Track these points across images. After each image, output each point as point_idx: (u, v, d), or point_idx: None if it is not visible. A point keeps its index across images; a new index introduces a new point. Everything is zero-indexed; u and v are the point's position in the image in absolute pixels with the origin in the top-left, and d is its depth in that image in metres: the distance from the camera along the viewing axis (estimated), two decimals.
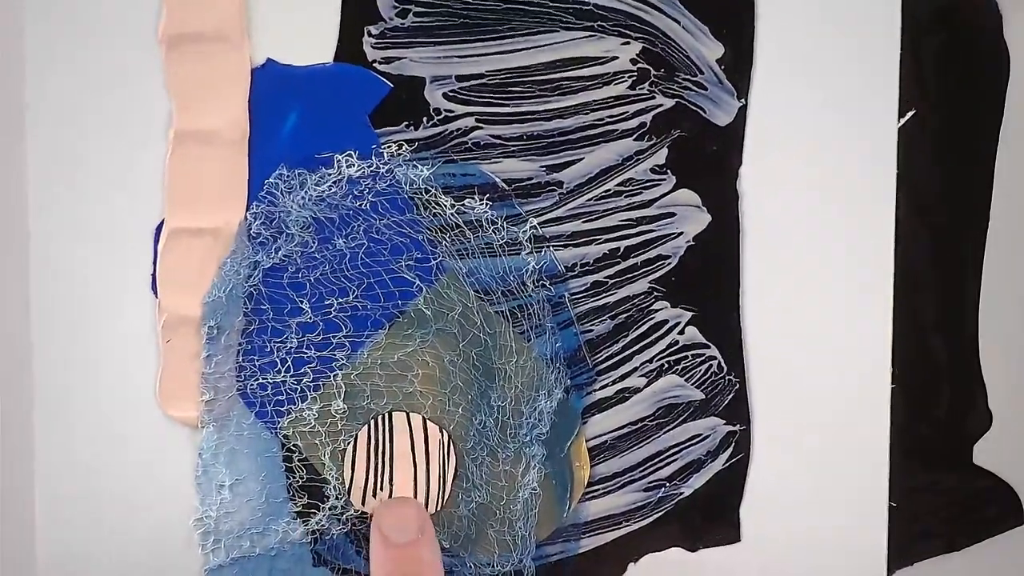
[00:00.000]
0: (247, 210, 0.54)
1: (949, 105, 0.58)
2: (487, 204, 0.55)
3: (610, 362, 0.57)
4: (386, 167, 0.55)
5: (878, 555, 0.58)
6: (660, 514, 0.58)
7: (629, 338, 0.57)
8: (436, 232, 0.55)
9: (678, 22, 0.55)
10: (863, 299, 0.57)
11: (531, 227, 0.56)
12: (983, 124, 0.58)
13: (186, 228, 0.54)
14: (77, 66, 0.54)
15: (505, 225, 0.55)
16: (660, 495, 0.58)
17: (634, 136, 0.56)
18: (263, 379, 0.55)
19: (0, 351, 0.55)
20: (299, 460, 0.55)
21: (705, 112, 0.56)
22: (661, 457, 0.58)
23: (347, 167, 0.54)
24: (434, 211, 0.55)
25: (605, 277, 0.56)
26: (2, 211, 0.54)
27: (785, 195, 0.56)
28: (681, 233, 0.56)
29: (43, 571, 0.55)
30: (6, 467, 0.55)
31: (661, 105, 0.56)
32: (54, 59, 0.54)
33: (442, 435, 0.55)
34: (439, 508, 0.55)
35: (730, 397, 0.57)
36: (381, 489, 0.55)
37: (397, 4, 0.54)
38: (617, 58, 0.55)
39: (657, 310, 0.57)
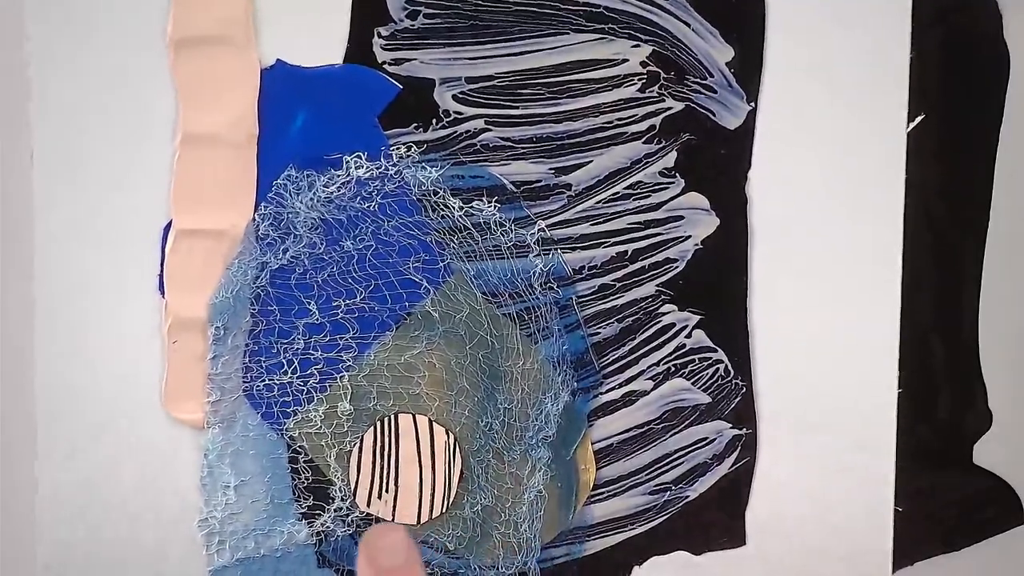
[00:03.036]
0: (255, 211, 0.54)
1: (949, 106, 0.58)
2: (495, 206, 0.55)
3: (617, 365, 0.57)
4: (395, 169, 0.55)
5: (883, 559, 0.58)
6: (665, 517, 0.58)
7: (636, 341, 0.57)
8: (444, 234, 0.55)
9: (688, 25, 0.55)
10: (871, 304, 0.57)
11: (539, 230, 0.56)
12: (983, 124, 0.58)
13: (194, 229, 0.54)
14: (79, 67, 0.54)
15: (513, 227, 0.55)
16: (666, 498, 0.58)
17: (643, 139, 0.56)
18: (269, 380, 0.55)
19: (3, 351, 0.55)
20: (305, 461, 0.55)
21: (714, 115, 0.56)
22: (667, 460, 0.58)
23: (356, 168, 0.54)
24: (442, 213, 0.55)
25: (612, 280, 0.56)
26: (6, 211, 0.54)
27: (794, 199, 0.56)
28: (689, 236, 0.56)
29: (44, 571, 0.55)
30: (8, 467, 0.55)
31: (670, 108, 0.56)
32: (56, 60, 0.53)
33: (448, 437, 0.55)
34: (444, 510, 0.55)
35: (737, 401, 0.57)
36: (386, 491, 0.55)
37: (407, 6, 0.54)
38: (627, 61, 0.55)
39: (664, 313, 0.57)
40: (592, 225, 0.56)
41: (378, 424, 0.55)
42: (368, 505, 0.55)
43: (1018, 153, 0.58)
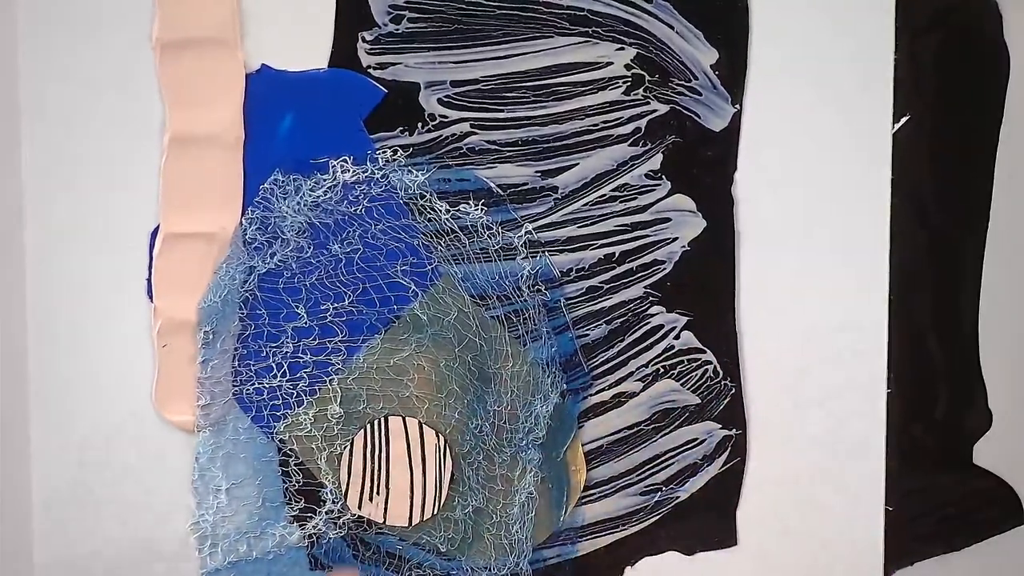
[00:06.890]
0: (242, 215, 0.54)
1: (948, 106, 0.58)
2: (482, 209, 0.55)
3: (606, 367, 0.57)
4: (381, 172, 0.55)
5: (875, 558, 0.58)
6: (657, 518, 0.58)
7: (625, 343, 0.57)
8: (431, 237, 0.55)
9: (672, 28, 0.55)
10: (858, 303, 0.57)
11: (526, 232, 0.56)
12: (983, 124, 0.58)
13: (181, 233, 0.54)
14: (73, 69, 0.54)
15: (500, 230, 0.55)
16: (656, 499, 0.58)
17: (629, 141, 0.56)
18: (259, 384, 0.55)
19: None
20: (295, 464, 0.55)
21: (700, 117, 0.56)
22: (657, 461, 0.58)
23: (342, 172, 0.54)
24: (429, 216, 0.55)
25: (600, 282, 0.56)
26: None
27: (780, 200, 0.56)
28: (676, 238, 0.56)
29: (41, 570, 0.55)
30: (3, 470, 0.55)
31: (656, 111, 0.56)
32: (50, 62, 0.54)
33: (438, 439, 0.55)
34: (435, 512, 0.56)
35: (726, 401, 0.57)
36: (378, 493, 0.55)
37: (391, 10, 0.54)
38: (612, 63, 0.55)
39: (652, 315, 0.57)
40: (579, 227, 0.56)
41: (368, 427, 0.55)
42: (359, 507, 0.55)
43: (1018, 153, 0.58)
